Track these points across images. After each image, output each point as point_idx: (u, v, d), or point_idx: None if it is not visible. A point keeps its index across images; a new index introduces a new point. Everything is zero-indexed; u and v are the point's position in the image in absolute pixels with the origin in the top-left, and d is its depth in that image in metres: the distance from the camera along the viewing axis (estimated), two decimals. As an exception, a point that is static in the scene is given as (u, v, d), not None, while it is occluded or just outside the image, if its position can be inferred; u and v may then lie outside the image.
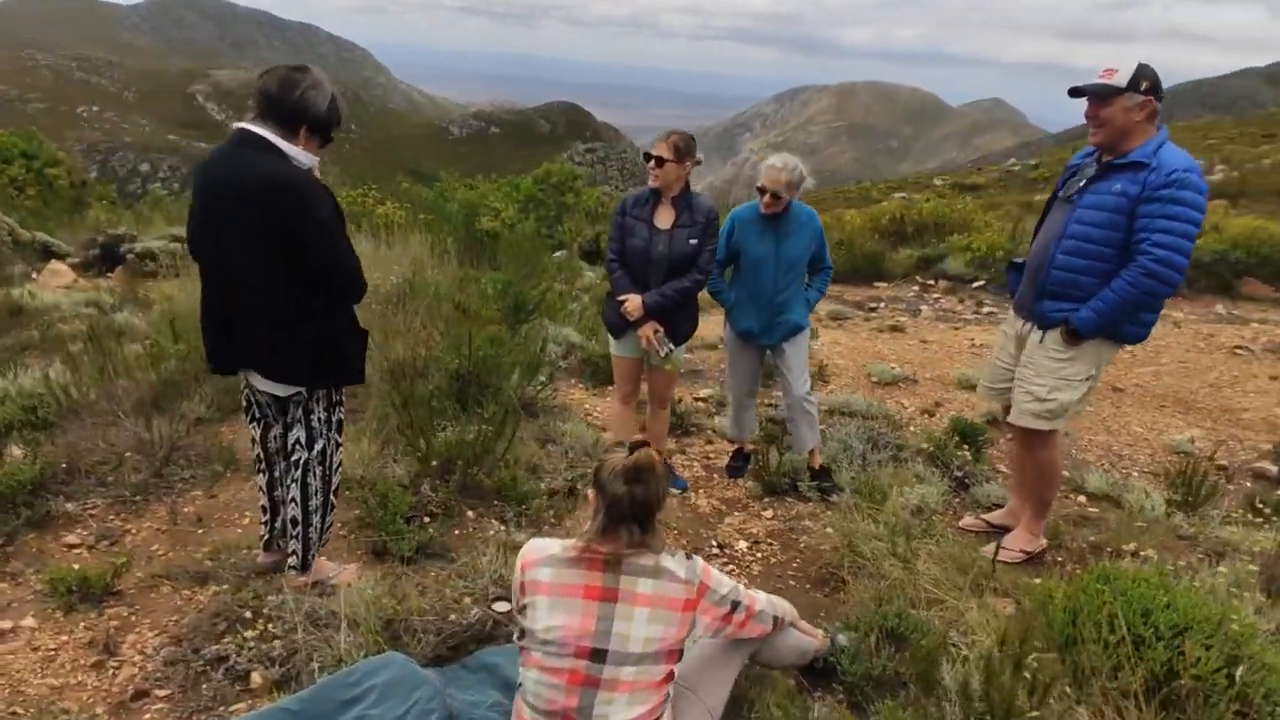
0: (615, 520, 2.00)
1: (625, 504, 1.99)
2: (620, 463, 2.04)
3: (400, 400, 3.75)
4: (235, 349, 2.65)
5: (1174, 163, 3.00)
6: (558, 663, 1.96)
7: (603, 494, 2.04)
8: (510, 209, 11.67)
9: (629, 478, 2.01)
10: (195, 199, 2.60)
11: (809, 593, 3.36)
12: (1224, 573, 2.98)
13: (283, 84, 2.47)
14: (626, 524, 2.00)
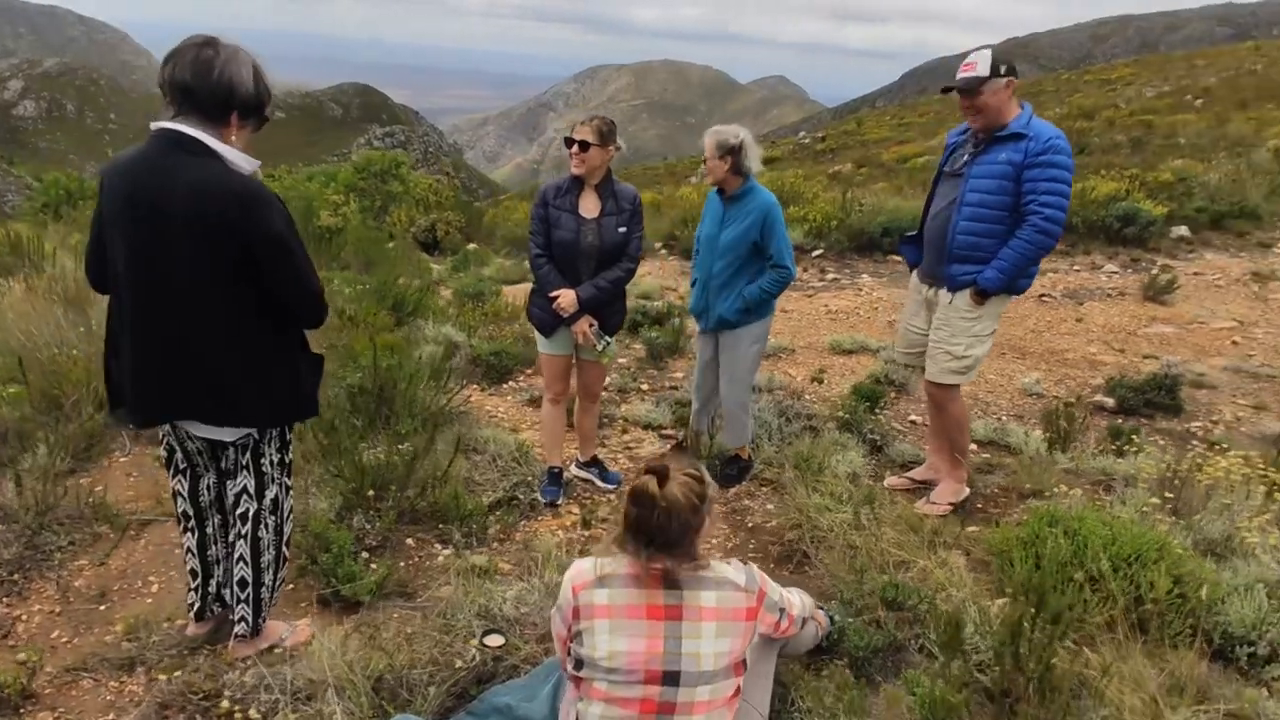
0: (639, 529, 1.91)
1: (639, 510, 1.90)
2: (643, 483, 1.95)
3: (315, 423, 3.36)
4: (169, 395, 2.23)
5: (1047, 132, 3.37)
6: (626, 692, 1.85)
7: (628, 515, 1.95)
8: (353, 202, 10.85)
9: (634, 500, 1.91)
10: (111, 220, 2.14)
11: (774, 571, 3.41)
12: (1134, 501, 3.37)
13: (196, 67, 2.07)
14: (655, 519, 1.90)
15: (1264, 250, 10.43)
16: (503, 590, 2.89)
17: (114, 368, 2.31)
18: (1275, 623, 2.59)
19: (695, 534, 1.91)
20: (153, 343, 2.18)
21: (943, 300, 3.65)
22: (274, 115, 2.30)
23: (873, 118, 58.90)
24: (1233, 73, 36.55)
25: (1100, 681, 2.24)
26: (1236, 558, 2.93)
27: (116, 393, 2.34)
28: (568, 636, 1.96)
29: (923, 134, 41.09)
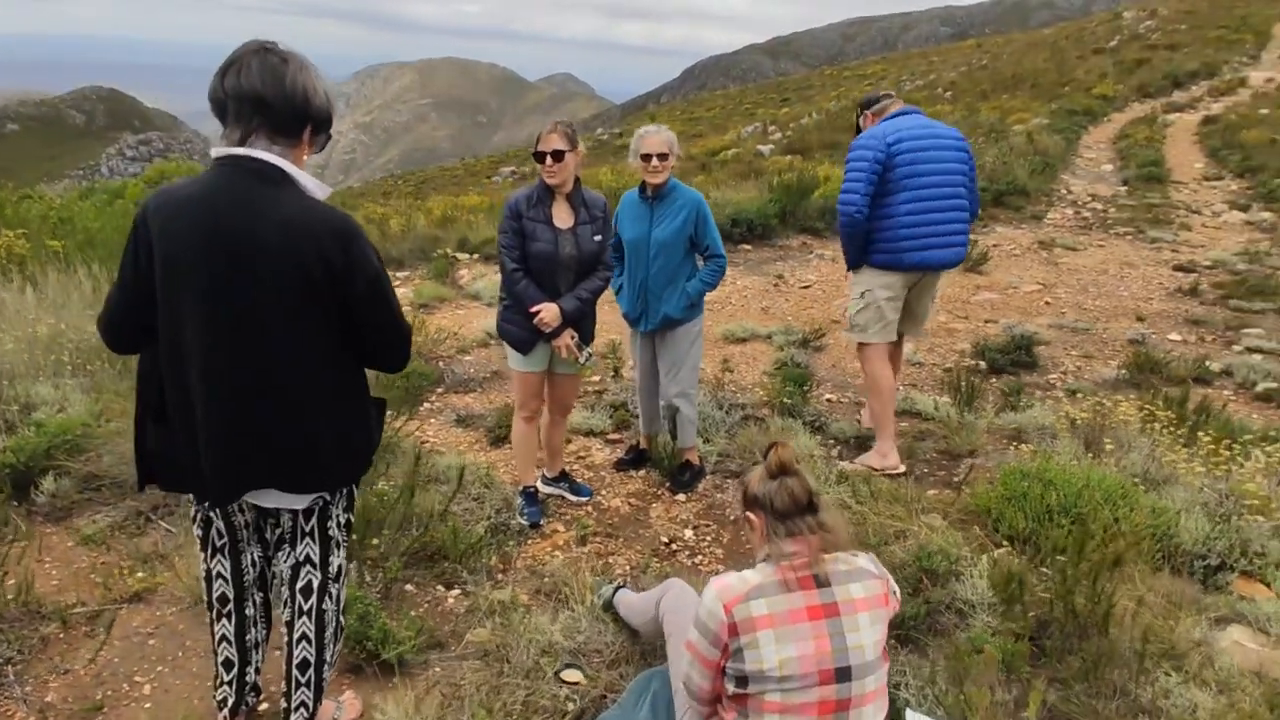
0: (789, 520, 1.97)
1: (787, 499, 1.97)
2: (763, 470, 2.03)
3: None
4: (254, 465, 1.90)
5: (858, 140, 4.08)
6: (803, 697, 1.87)
7: (762, 506, 2.00)
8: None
9: (775, 474, 2.00)
10: (174, 266, 1.79)
11: (778, 558, 3.53)
12: (1065, 450, 3.84)
13: (267, 74, 1.76)
14: (803, 517, 1.97)
15: (1038, 221, 12.10)
16: (547, 623, 2.78)
17: (154, 437, 1.95)
18: (1218, 536, 3.09)
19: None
20: (236, 406, 1.85)
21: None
22: (6, 129, 2.01)
23: (663, 113, 61.17)
24: (966, 68, 41.87)
25: (1125, 608, 2.57)
26: (1167, 486, 3.44)
27: (157, 466, 1.98)
28: (721, 657, 1.94)
29: (713, 129, 43.37)
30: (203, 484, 1.93)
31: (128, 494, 3.48)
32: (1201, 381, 5.82)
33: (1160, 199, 13.18)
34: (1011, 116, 21.82)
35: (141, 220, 1.83)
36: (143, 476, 2.02)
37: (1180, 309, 7.92)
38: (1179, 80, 28.40)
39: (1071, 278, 9.07)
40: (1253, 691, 2.32)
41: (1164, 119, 22.31)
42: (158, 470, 1.99)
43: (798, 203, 10.86)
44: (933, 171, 3.95)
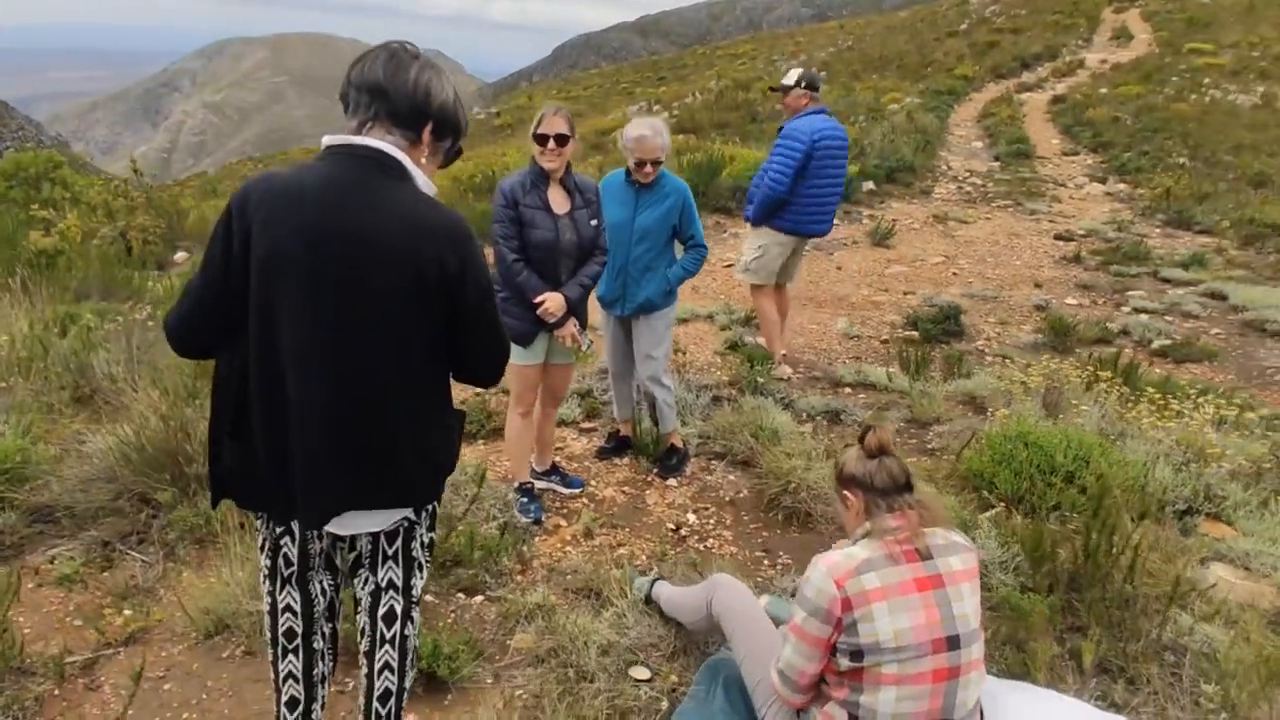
0: (890, 497, 2.02)
1: (887, 479, 2.02)
2: (859, 451, 2.08)
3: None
4: (351, 484, 1.72)
5: (789, 127, 5.00)
6: (918, 666, 1.92)
7: (862, 485, 2.05)
8: (73, 215, 8.49)
9: (874, 454, 2.05)
10: (278, 261, 1.61)
11: (786, 534, 3.60)
12: (1029, 412, 4.10)
13: (390, 66, 1.64)
14: (901, 495, 2.03)
15: (927, 196, 12.78)
16: (591, 622, 2.71)
17: (231, 453, 1.75)
18: (1182, 483, 3.39)
19: None
20: (335, 419, 1.67)
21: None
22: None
23: (540, 92, 60.23)
24: (834, 49, 43.52)
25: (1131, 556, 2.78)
26: (1126, 440, 3.74)
27: (233, 483, 1.78)
28: (834, 633, 1.96)
29: (592, 108, 43.13)
30: (286, 505, 1.75)
31: (86, 523, 3.12)
32: (1104, 341, 6.36)
33: (1030, 174, 14.21)
34: (886, 96, 22.87)
35: (239, 209, 1.63)
36: (216, 494, 1.82)
37: (1069, 275, 8.60)
38: (1026, 62, 30.61)
39: (969, 249, 9.65)
40: (1254, 622, 2.58)
41: (1018, 98, 24.00)
42: (233, 487, 1.80)
43: (708, 182, 10.97)
44: (834, 165, 5.08)
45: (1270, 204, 11.16)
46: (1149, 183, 12.90)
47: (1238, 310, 7.20)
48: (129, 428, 3.38)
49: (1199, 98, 22.17)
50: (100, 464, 3.23)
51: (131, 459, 3.25)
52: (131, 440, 3.29)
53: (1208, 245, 9.74)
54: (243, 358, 1.70)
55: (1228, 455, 3.60)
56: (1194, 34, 33.79)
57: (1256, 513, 3.30)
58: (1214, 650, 2.50)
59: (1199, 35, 33.11)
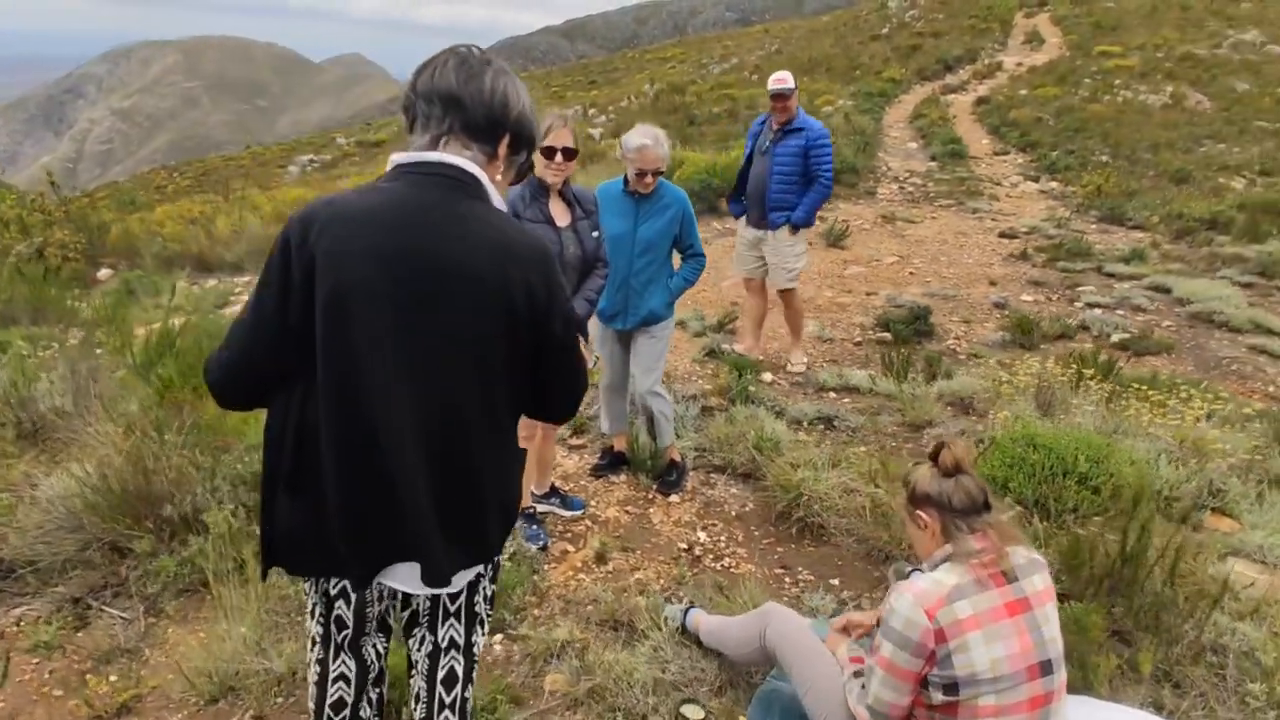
0: (969, 518, 1.94)
1: (966, 498, 1.95)
2: (933, 469, 2.00)
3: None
4: (422, 536, 1.53)
5: (817, 126, 5.23)
6: (1015, 696, 1.84)
7: (938, 505, 1.97)
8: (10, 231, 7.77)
9: (950, 473, 1.98)
10: (350, 293, 1.42)
11: (800, 548, 3.52)
12: (1026, 413, 4.12)
13: (463, 72, 1.47)
14: (979, 515, 1.96)
15: (872, 197, 13.00)
16: (627, 658, 2.57)
17: (288, 511, 1.55)
18: (1184, 478, 3.44)
19: None
20: (416, 465, 1.49)
21: (769, 236, 5.34)
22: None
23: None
24: (763, 52, 44.17)
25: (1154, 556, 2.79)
26: (1122, 437, 3.79)
27: (284, 547, 1.58)
28: (925, 666, 1.86)
29: (524, 111, 42.76)
30: (360, 561, 1.55)
31: (52, 578, 2.81)
32: (1066, 337, 6.52)
33: (967, 173, 14.61)
34: (820, 99, 23.24)
35: (299, 239, 1.43)
36: (269, 560, 1.61)
37: (1020, 272, 8.82)
38: (949, 65, 31.62)
39: (920, 248, 9.82)
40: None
41: (944, 100, 24.76)
42: (288, 550, 1.60)
43: (662, 186, 10.90)
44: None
45: (1194, 199, 11.73)
46: (1079, 180, 13.40)
47: (1183, 303, 7.49)
48: (88, 468, 3.07)
49: (1112, 98, 23.26)
50: (61, 510, 2.92)
51: (96, 504, 2.95)
52: (94, 482, 2.99)
53: (1142, 240, 10.15)
54: (300, 404, 1.50)
55: (1224, 450, 3.69)
56: (1102, 37, 35.47)
57: (1256, 505, 3.38)
58: (1253, 649, 2.51)
59: (1106, 38, 34.77)
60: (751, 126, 5.54)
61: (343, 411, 1.46)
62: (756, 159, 5.34)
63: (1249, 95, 23.11)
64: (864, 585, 3.20)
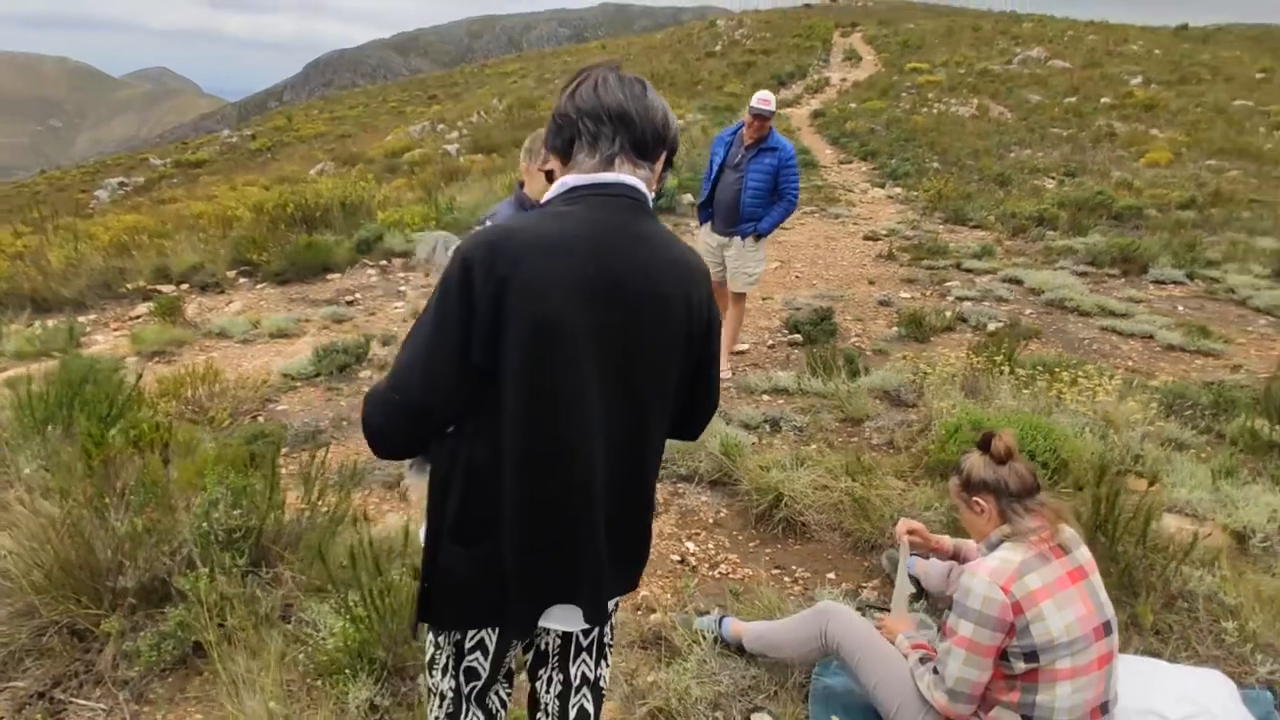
0: (1024, 500, 2.10)
1: (1019, 482, 2.11)
2: (985, 457, 2.15)
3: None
4: (610, 574, 1.49)
5: (788, 146, 5.52)
6: (1086, 656, 2.00)
7: (995, 490, 2.11)
8: None
9: (1003, 460, 2.13)
10: (568, 326, 1.35)
11: (786, 548, 3.61)
12: (959, 402, 4.45)
13: (630, 90, 1.43)
14: (1033, 496, 2.12)
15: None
16: (675, 677, 2.54)
17: (460, 562, 1.43)
18: (1113, 446, 3.85)
19: None
20: (615, 498, 1.44)
21: (735, 243, 5.60)
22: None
23: (300, 112, 56.20)
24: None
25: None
26: (1051, 415, 4.18)
27: (443, 598, 1.46)
28: (1005, 639, 1.98)
29: (361, 128, 41.12)
30: (529, 607, 1.46)
31: (8, 671, 2.40)
32: (950, 330, 7.09)
33: (821, 181, 15.54)
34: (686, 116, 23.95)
35: (484, 271, 1.32)
36: (424, 615, 1.49)
37: (892, 271, 9.49)
38: (783, 80, 33.51)
39: (798, 253, 10.35)
40: (1228, 562, 2.99)
41: (782, 113, 26.22)
42: (442, 604, 1.48)
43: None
44: None
45: (1020, 200, 13.10)
46: (920, 186, 14.61)
47: (1036, 293, 8.34)
48: (19, 542, 2.66)
49: (929, 110, 25.55)
50: (4, 595, 2.50)
51: (41, 584, 2.56)
52: (34, 560, 2.60)
53: (985, 238, 11.21)
54: (468, 446, 1.39)
55: (1132, 420, 4.16)
56: (910, 55, 38.86)
57: (1168, 466, 3.84)
58: (1216, 592, 2.86)
59: (914, 56, 38.12)
60: (715, 141, 5.80)
61: (539, 447, 1.38)
62: (727, 171, 5.54)
63: (1041, 105, 26.10)
64: (859, 576, 3.34)
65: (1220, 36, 49.69)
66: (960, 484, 2.21)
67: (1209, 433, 4.58)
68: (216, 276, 8.87)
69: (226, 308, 8.18)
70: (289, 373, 5.98)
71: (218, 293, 8.68)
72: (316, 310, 8.13)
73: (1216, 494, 3.57)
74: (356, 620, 2.49)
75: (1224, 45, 44.57)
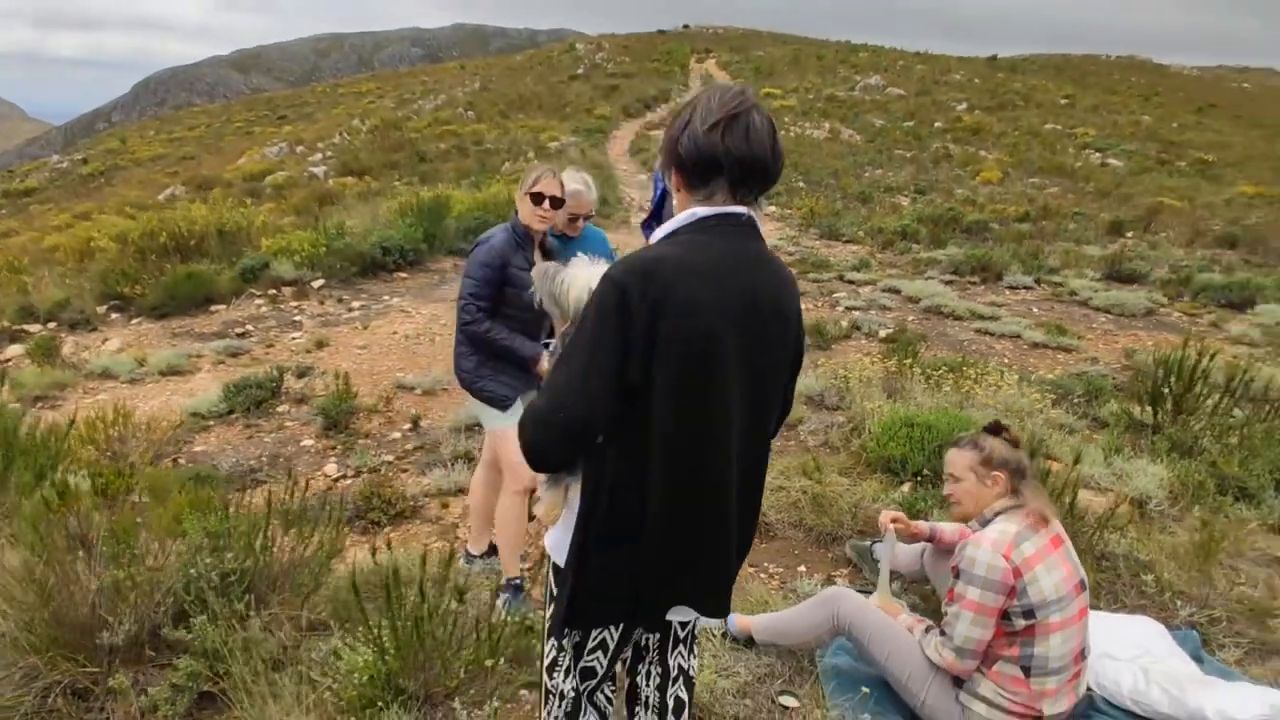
0: (1026, 478, 2.43)
1: (1025, 463, 2.45)
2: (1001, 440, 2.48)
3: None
4: (714, 574, 1.64)
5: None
6: (1071, 610, 2.32)
7: (1010, 467, 2.45)
8: None
9: (1015, 444, 2.49)
10: (717, 344, 1.48)
11: (759, 547, 3.83)
12: (873, 400, 4.86)
13: (770, 139, 1.54)
14: (1029, 469, 2.45)
15: (627, 225, 13.88)
16: (702, 675, 2.69)
17: (607, 565, 1.55)
18: (1023, 432, 4.34)
19: None
20: (744, 498, 1.59)
21: None
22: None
23: (135, 133, 51.99)
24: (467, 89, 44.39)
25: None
26: (967, 409, 4.66)
27: (596, 601, 1.58)
28: (1006, 600, 2.27)
29: (204, 149, 38.63)
30: (663, 603, 1.60)
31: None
32: (848, 337, 7.65)
33: (701, 201, 16.18)
34: (544, 134, 24.13)
35: (638, 295, 1.44)
36: (569, 620, 1.58)
37: (782, 286, 10.06)
38: (647, 103, 34.48)
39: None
40: (1134, 525, 3.48)
41: (652, 135, 27.00)
42: (587, 607, 1.60)
43: (437, 226, 10.70)
44: None
45: (884, 216, 14.19)
46: (792, 204, 15.52)
47: (914, 300, 9.12)
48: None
49: (786, 133, 27.08)
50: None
51: (38, 647, 2.39)
52: (22, 620, 2.42)
53: (859, 251, 12.09)
54: (613, 460, 1.51)
55: (1028, 410, 4.71)
56: (763, 80, 41.00)
57: (1066, 448, 4.38)
58: (1131, 551, 3.33)
59: (767, 82, 40.25)
60: (657, 168, 5.94)
61: (693, 464, 1.52)
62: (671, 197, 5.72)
63: (885, 129, 28.29)
64: (828, 566, 3.61)
65: (1026, 66, 55.63)
66: (980, 460, 2.49)
67: (1087, 417, 5.24)
68: (87, 313, 8.18)
69: (103, 346, 7.57)
70: (198, 411, 5.65)
71: (90, 330, 8.01)
72: (205, 344, 7.67)
73: (1111, 469, 4.12)
74: (383, 652, 2.47)
75: (1031, 74, 49.96)
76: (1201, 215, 15.77)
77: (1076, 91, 41.31)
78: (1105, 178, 21.15)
